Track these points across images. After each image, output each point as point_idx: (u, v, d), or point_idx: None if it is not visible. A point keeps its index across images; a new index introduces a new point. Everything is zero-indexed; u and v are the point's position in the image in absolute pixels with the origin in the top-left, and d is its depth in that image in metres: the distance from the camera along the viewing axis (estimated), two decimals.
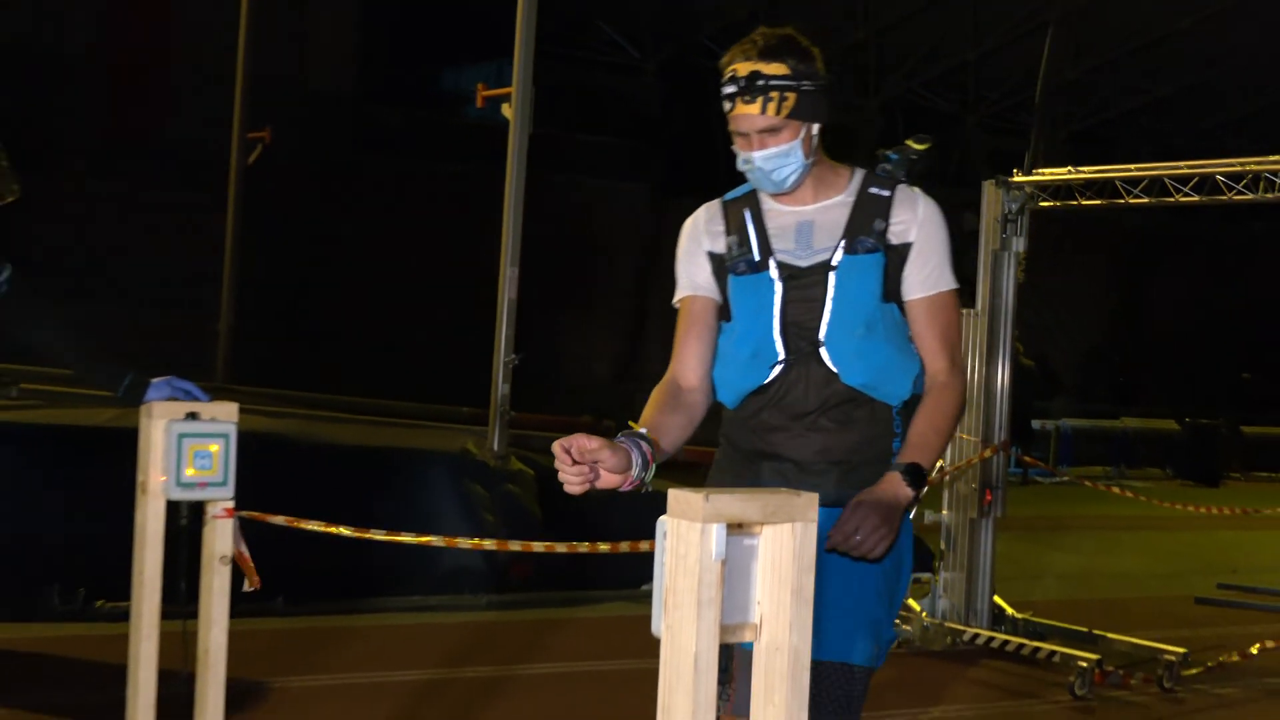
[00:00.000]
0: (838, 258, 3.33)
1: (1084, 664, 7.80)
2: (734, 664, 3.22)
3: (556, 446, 2.95)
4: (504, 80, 11.43)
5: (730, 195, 3.64)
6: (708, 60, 29.99)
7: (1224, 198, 8.35)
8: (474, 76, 14.54)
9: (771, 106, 3.29)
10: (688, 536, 2.31)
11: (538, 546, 7.29)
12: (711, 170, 31.71)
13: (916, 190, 3.44)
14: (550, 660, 7.99)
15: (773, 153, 3.32)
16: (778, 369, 3.35)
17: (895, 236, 3.34)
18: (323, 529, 4.58)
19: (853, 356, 3.31)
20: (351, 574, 9.03)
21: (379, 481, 9.42)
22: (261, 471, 4.32)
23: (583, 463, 2.94)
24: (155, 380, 4.07)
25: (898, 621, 8.79)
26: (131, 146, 22.29)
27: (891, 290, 3.34)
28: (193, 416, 4.09)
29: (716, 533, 2.31)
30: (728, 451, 3.54)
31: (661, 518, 2.35)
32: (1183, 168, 8.44)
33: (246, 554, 4.20)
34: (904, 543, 3.32)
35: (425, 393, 15.47)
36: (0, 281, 3.96)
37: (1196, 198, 8.47)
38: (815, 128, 3.37)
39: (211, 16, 20.28)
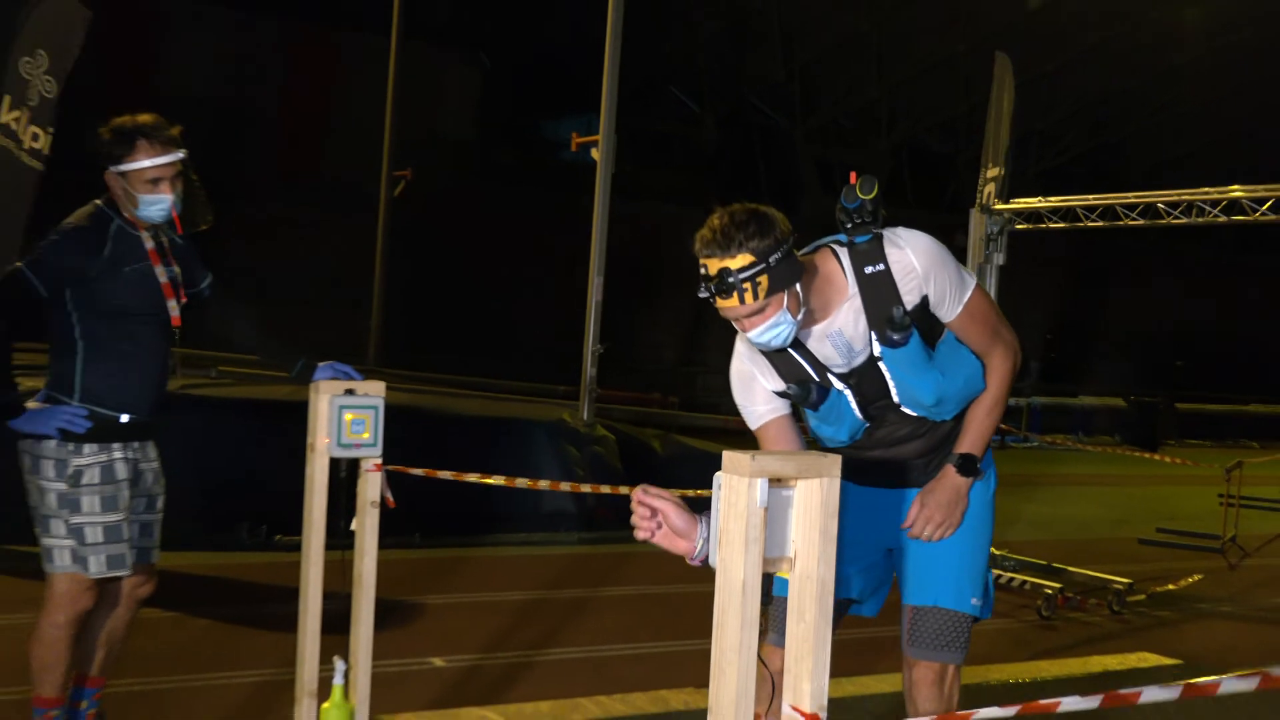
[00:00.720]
0: (877, 351, 3.08)
1: (1049, 591, 7.76)
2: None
3: (637, 491, 2.70)
4: (592, 129, 11.40)
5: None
6: (753, 115, 30.03)
7: (1164, 221, 8.24)
8: (569, 126, 14.52)
9: (748, 296, 2.91)
10: (737, 488, 2.31)
11: (623, 489, 7.26)
12: (757, 199, 31.60)
13: (899, 236, 3.08)
14: (626, 585, 7.99)
15: (762, 329, 2.98)
16: (868, 426, 3.22)
17: (911, 298, 3.03)
18: (454, 476, 4.60)
19: (929, 407, 3.17)
20: (472, 516, 9.09)
21: (495, 443, 9.46)
22: (403, 435, 4.34)
23: (647, 508, 2.63)
24: (321, 364, 4.09)
25: None
26: (304, 182, 22.50)
27: (931, 332, 3.10)
28: (350, 392, 4.12)
29: (761, 485, 2.31)
30: None
31: (717, 473, 2.34)
32: (1130, 197, 8.33)
33: (391, 498, 4.23)
34: (978, 510, 3.23)
35: (530, 374, 15.52)
36: (204, 288, 3.99)
37: (1142, 221, 8.36)
38: (797, 285, 2.99)
39: (367, 79, 20.40)
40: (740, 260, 2.88)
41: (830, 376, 3.11)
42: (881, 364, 3.08)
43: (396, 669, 5.33)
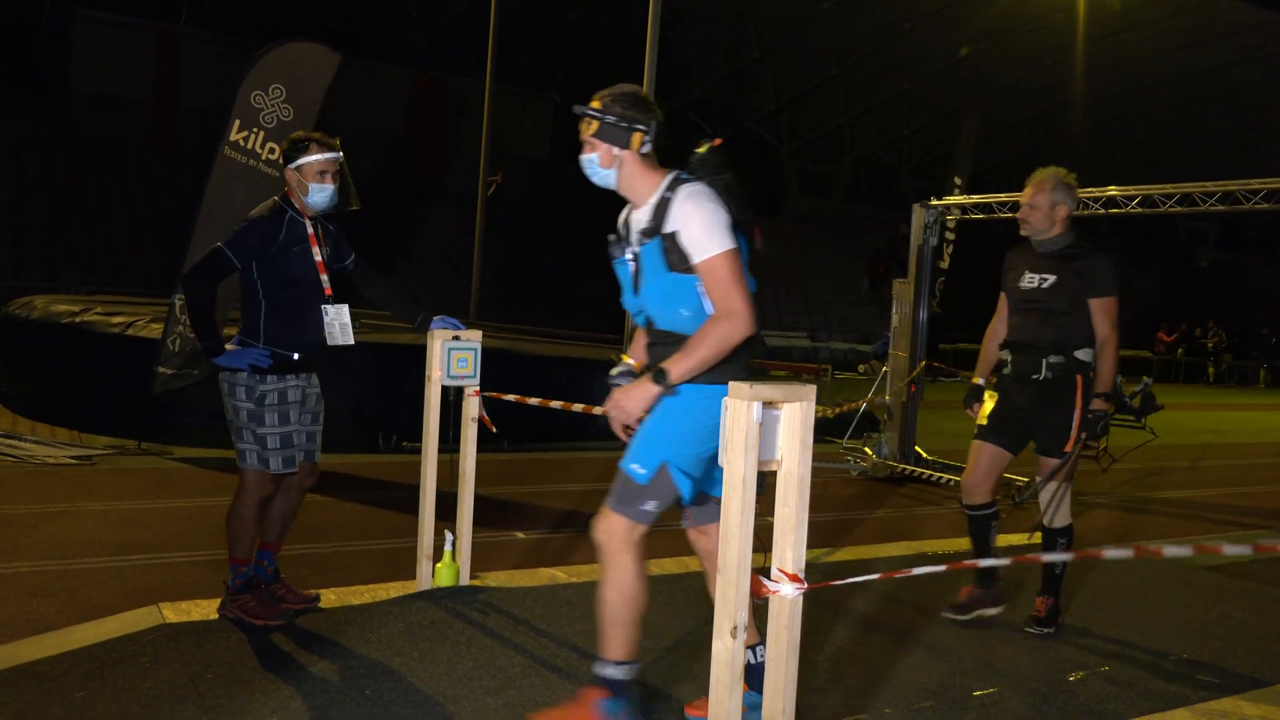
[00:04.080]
0: (638, 249, 2.87)
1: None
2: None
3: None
4: None
5: None
6: (751, 137, 29.75)
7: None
8: None
9: (582, 127, 2.91)
10: (739, 409, 2.27)
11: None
12: (753, 200, 31.35)
13: (692, 188, 2.82)
14: None
15: (583, 159, 2.93)
16: (638, 318, 3.03)
17: (669, 229, 2.78)
18: (540, 403, 4.58)
19: (636, 311, 2.99)
20: (544, 428, 9.09)
21: (563, 375, 9.45)
22: (495, 370, 4.33)
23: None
24: (436, 317, 4.08)
25: (860, 459, 8.70)
26: (428, 186, 22.54)
27: (675, 264, 2.78)
28: (456, 338, 4.10)
29: (757, 407, 2.27)
30: None
31: (724, 398, 2.31)
32: None
33: (486, 416, 4.22)
34: (672, 414, 2.85)
35: (588, 325, 15.50)
36: (348, 264, 3.98)
37: None
38: (619, 151, 2.87)
39: (469, 111, 20.33)
40: (594, 104, 2.90)
41: (626, 248, 2.93)
42: (638, 262, 2.89)
43: (489, 540, 5.35)
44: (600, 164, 2.91)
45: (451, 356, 4.09)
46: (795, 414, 2.31)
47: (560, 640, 3.71)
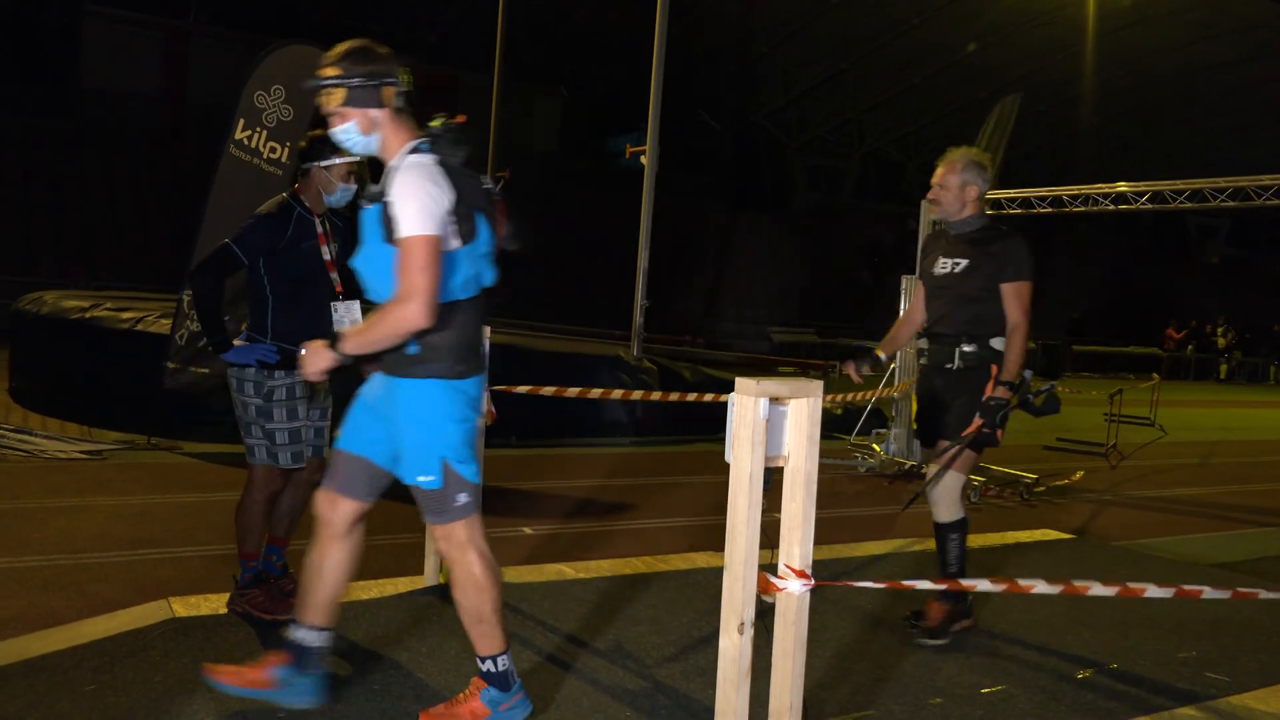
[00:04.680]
0: (368, 209, 2.73)
1: (976, 483, 7.67)
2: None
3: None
4: (641, 141, 11.26)
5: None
6: (760, 133, 29.72)
7: (1066, 209, 8.05)
8: (625, 140, 14.43)
9: (326, 100, 2.71)
10: (746, 405, 2.27)
11: (654, 395, 7.25)
12: (762, 196, 31.21)
13: (420, 159, 2.66)
14: (664, 476, 8.00)
15: (337, 131, 2.74)
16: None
17: (389, 194, 2.63)
18: (555, 392, 4.58)
19: (370, 282, 2.79)
20: (552, 424, 9.10)
21: (571, 370, 9.46)
22: (503, 365, 4.33)
23: None
24: None
25: (867, 456, 8.68)
26: None
27: (389, 234, 2.64)
28: None
29: (763, 403, 2.27)
30: None
31: (731, 394, 2.31)
32: (1042, 191, 8.14)
33: (493, 408, 4.23)
34: (423, 416, 2.77)
35: (595, 322, 15.50)
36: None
37: (1050, 210, 8.17)
38: (374, 112, 2.70)
39: (477, 106, 20.31)
40: (330, 71, 2.70)
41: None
42: (367, 223, 2.75)
43: (497, 535, 5.36)
44: (360, 131, 2.72)
45: None
46: (802, 410, 2.31)
47: (567, 635, 3.72)
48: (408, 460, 2.81)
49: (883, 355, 4.19)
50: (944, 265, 3.95)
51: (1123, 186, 7.57)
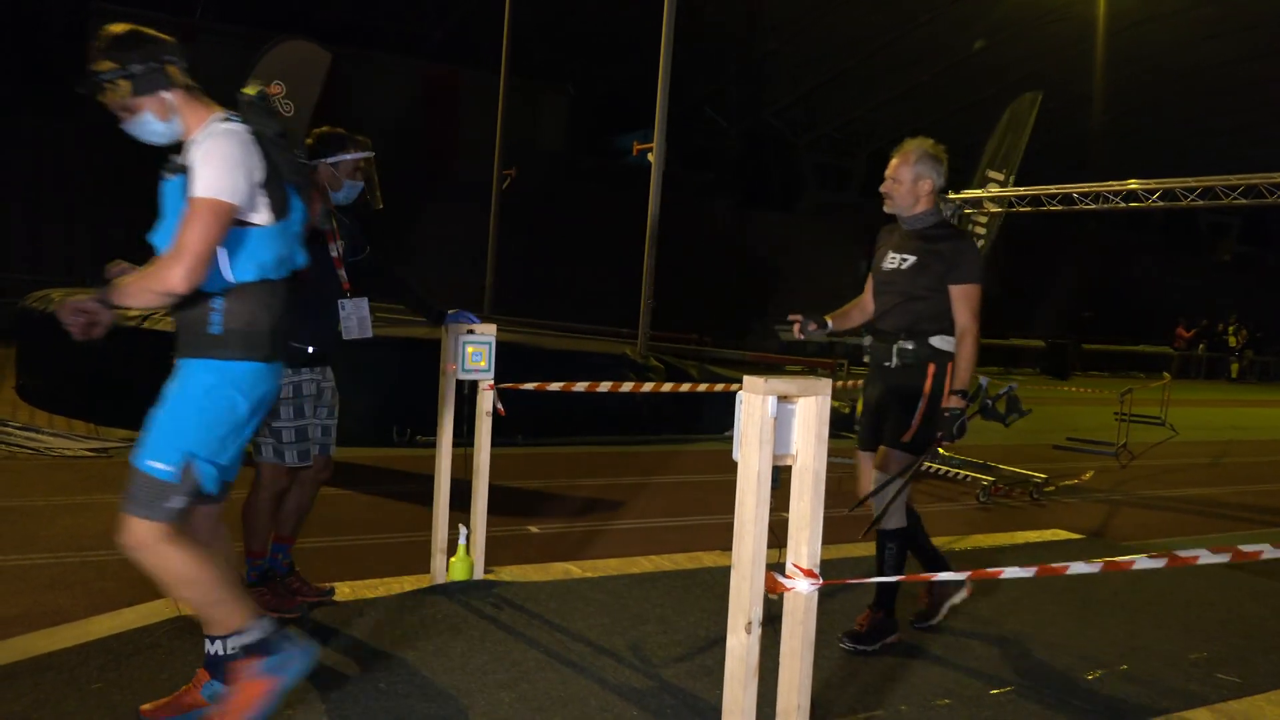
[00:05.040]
0: (170, 181, 2.58)
1: (985, 482, 7.66)
2: None
3: (68, 304, 2.48)
4: (649, 139, 11.25)
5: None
6: (767, 131, 29.69)
7: (1077, 206, 8.01)
8: (632, 138, 14.40)
9: (110, 96, 2.55)
10: (754, 403, 2.26)
11: (665, 386, 7.21)
12: (769, 194, 31.18)
13: (227, 127, 2.54)
14: (670, 474, 7.99)
15: (130, 125, 2.61)
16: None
17: (191, 161, 2.50)
18: (563, 388, 4.58)
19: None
20: (558, 423, 9.10)
21: (577, 368, 9.45)
22: (510, 364, 4.32)
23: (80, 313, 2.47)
24: (450, 311, 4.09)
25: None
26: (439, 180, 22.57)
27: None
28: (471, 332, 4.11)
29: (772, 401, 2.26)
30: None
31: (739, 391, 2.30)
32: (1052, 189, 8.10)
33: (501, 408, 4.22)
34: (190, 398, 2.60)
35: (602, 320, 15.50)
36: (362, 258, 3.99)
37: (1061, 207, 8.13)
38: (166, 95, 2.57)
39: (483, 104, 20.32)
40: (104, 65, 2.55)
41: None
42: (169, 198, 2.59)
43: (504, 533, 5.36)
44: (158, 118, 2.59)
45: (466, 350, 4.10)
46: (810, 408, 2.30)
47: (574, 635, 3.72)
48: (148, 440, 2.56)
49: (830, 323, 4.01)
50: (892, 260, 3.84)
51: (1134, 184, 7.53)
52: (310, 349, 3.73)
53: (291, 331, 3.68)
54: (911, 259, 3.77)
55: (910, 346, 3.73)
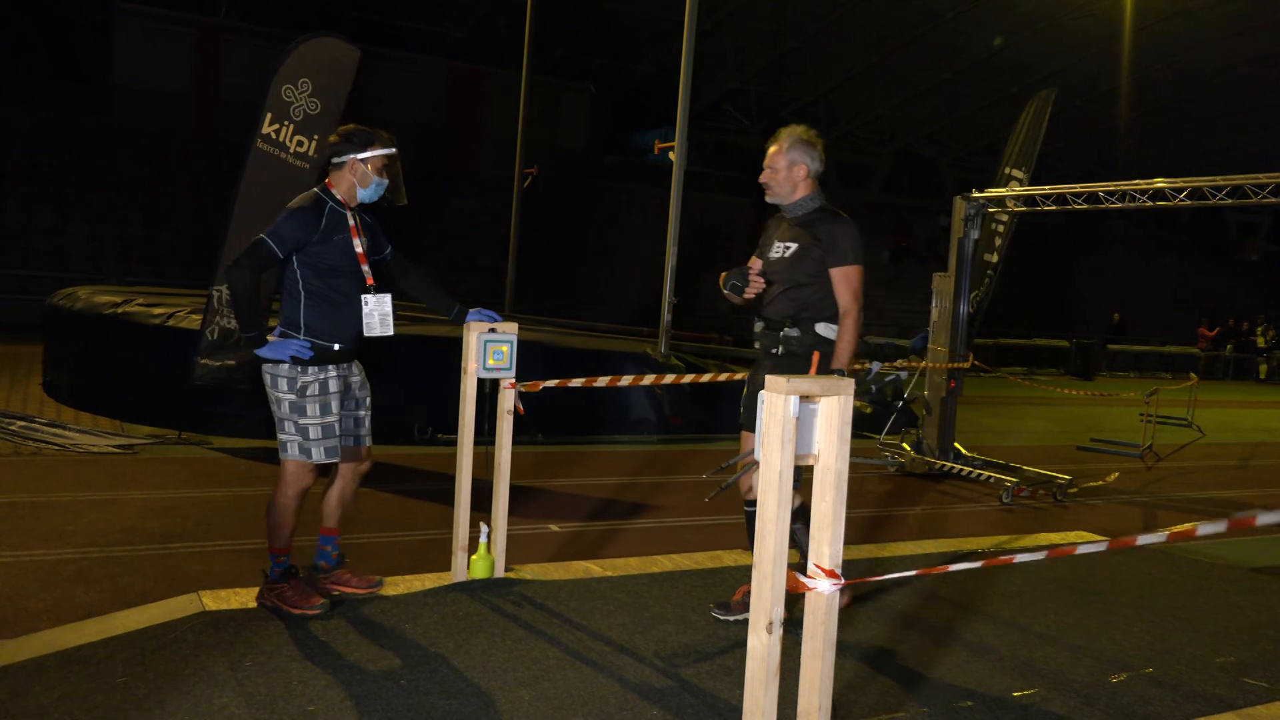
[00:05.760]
0: None
1: (1008, 484, 7.60)
2: None
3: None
4: (670, 138, 11.22)
5: None
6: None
7: (1103, 205, 7.94)
8: (653, 136, 14.39)
9: None
10: (776, 403, 2.26)
11: (687, 377, 7.18)
12: None
13: None
14: (691, 473, 7.98)
15: None
16: None
17: None
18: (585, 383, 4.59)
19: None
20: (579, 421, 9.11)
21: (598, 367, 9.45)
22: (531, 362, 4.33)
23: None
24: (472, 309, 4.11)
25: (898, 455, 8.62)
26: (459, 179, 22.63)
27: None
28: (492, 330, 4.12)
29: (794, 401, 2.25)
30: None
31: (761, 391, 2.30)
32: (1078, 188, 8.03)
33: (521, 407, 4.23)
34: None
35: (623, 318, 15.51)
36: (385, 255, 4.01)
37: (1086, 205, 8.06)
38: None
39: (504, 103, 20.34)
40: None
41: None
42: None
43: (524, 532, 5.37)
44: None
45: (487, 349, 4.11)
46: (833, 408, 2.30)
47: (594, 633, 3.72)
48: None
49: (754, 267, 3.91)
50: (777, 249, 3.86)
51: (1160, 182, 7.46)
52: (336, 346, 3.76)
53: (317, 329, 3.73)
54: (793, 246, 3.80)
55: (795, 334, 3.75)
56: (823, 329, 3.74)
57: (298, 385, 3.68)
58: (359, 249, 3.78)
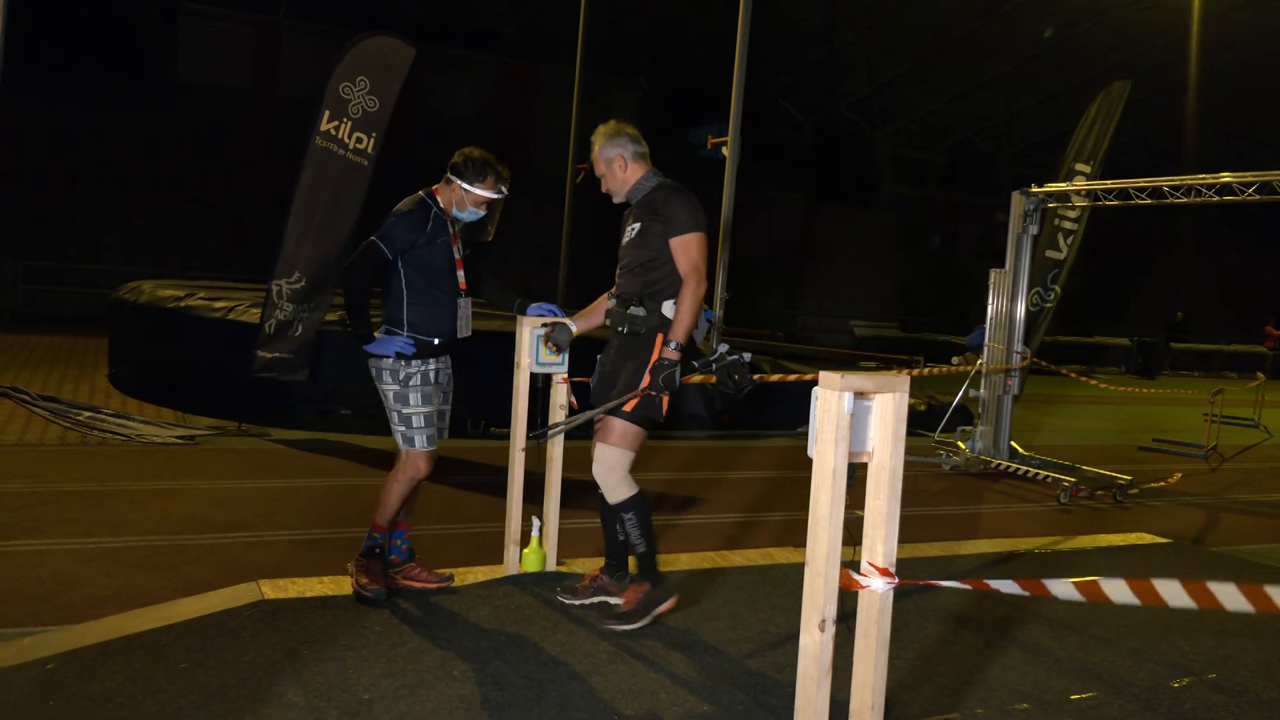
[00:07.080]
0: None
1: (1067, 484, 7.47)
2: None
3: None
4: (723, 133, 11.20)
5: None
6: (842, 124, 29.32)
7: (1167, 200, 7.75)
8: (706, 131, 14.33)
9: None
10: (830, 399, 2.24)
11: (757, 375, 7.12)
12: (845, 188, 30.72)
13: None
14: (742, 470, 7.96)
15: None
16: None
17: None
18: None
19: None
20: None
21: None
22: (582, 357, 4.34)
23: None
24: (533, 304, 4.18)
25: (952, 454, 8.51)
26: (511, 174, 22.74)
27: None
28: (545, 325, 4.16)
29: (848, 398, 2.24)
30: None
31: (815, 388, 2.28)
32: (1142, 182, 7.85)
33: (575, 401, 4.26)
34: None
35: None
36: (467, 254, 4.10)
37: (1150, 201, 7.88)
38: None
39: (557, 99, 20.43)
40: None
41: None
42: None
43: (576, 526, 5.39)
44: None
45: (540, 344, 4.14)
46: (887, 405, 2.27)
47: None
48: None
49: (573, 325, 4.06)
50: (627, 234, 3.85)
51: (1227, 177, 7.26)
52: (436, 340, 3.91)
53: (419, 325, 3.83)
54: (637, 226, 3.78)
55: (641, 313, 3.70)
56: (669, 309, 3.68)
57: (400, 376, 3.83)
58: (456, 254, 3.93)
